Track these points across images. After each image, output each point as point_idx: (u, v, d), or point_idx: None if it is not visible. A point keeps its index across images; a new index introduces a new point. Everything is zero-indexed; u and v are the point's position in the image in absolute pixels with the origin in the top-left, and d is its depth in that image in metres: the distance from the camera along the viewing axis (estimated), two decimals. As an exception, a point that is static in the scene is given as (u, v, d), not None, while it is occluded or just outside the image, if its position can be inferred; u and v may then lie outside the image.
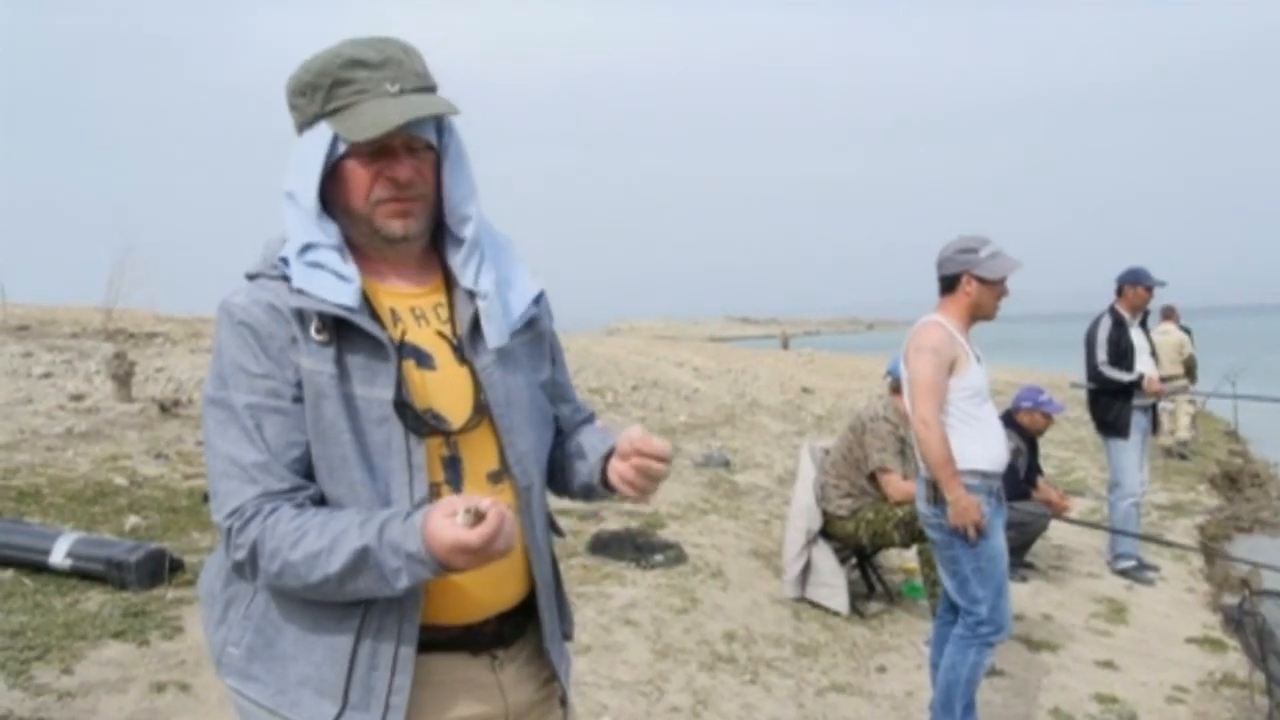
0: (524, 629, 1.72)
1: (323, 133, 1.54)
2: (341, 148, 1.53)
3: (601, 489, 1.72)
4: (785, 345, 37.14)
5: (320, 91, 1.53)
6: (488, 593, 1.62)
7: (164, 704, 3.55)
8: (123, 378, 9.01)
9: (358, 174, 1.55)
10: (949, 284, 3.95)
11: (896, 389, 5.66)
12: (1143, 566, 7.25)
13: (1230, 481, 11.84)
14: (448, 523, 1.39)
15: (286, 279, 1.54)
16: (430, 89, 1.58)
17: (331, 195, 1.57)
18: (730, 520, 7.29)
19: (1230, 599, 6.47)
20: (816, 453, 6.09)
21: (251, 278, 1.59)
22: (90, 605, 4.21)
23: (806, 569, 5.78)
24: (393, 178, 1.55)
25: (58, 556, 4.46)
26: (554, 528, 1.79)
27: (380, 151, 1.54)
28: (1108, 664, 5.42)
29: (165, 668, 3.77)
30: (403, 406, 1.53)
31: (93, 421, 7.93)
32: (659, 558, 5.90)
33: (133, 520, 5.45)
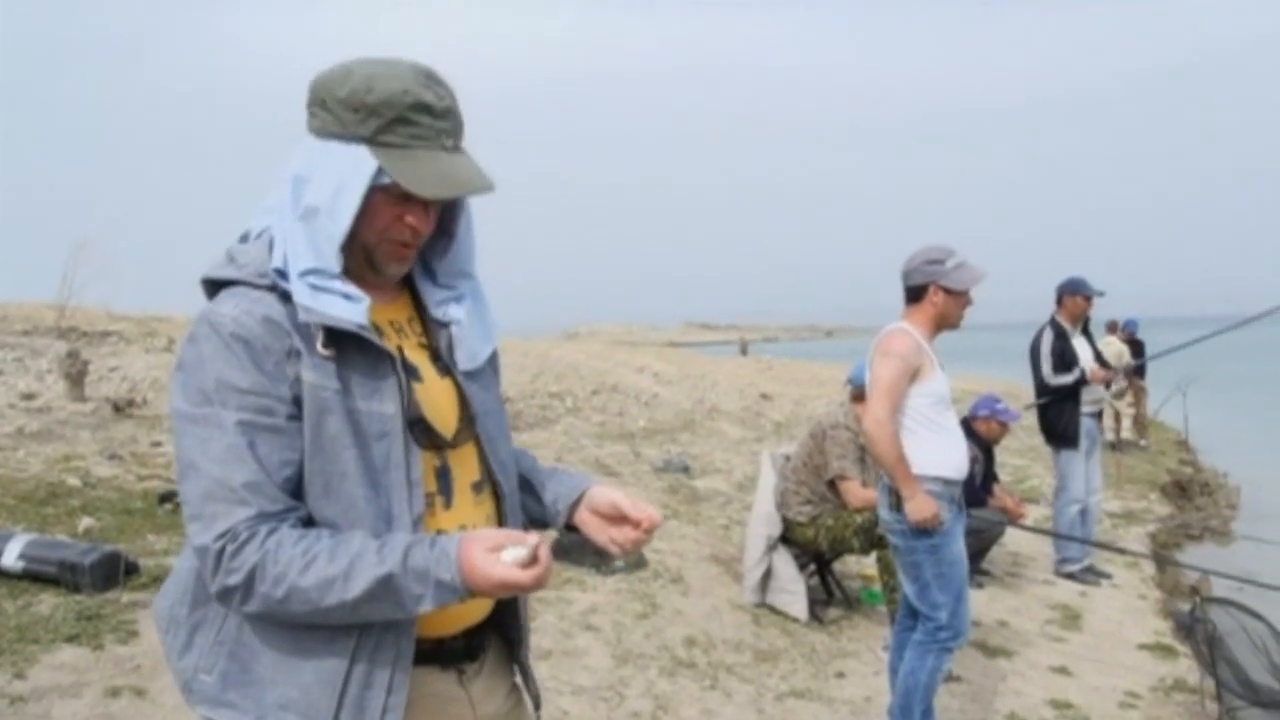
0: (485, 643, 1.73)
1: (365, 159, 1.48)
2: (384, 181, 1.49)
3: (564, 531, 1.77)
4: (744, 352, 37.27)
5: (377, 119, 1.48)
6: (465, 607, 1.60)
7: (119, 709, 3.49)
8: (75, 377, 8.88)
9: (383, 211, 1.52)
10: (915, 294, 3.98)
11: (857, 396, 5.70)
12: (1093, 572, 7.37)
13: (1181, 490, 12.04)
14: (492, 559, 1.41)
15: (275, 289, 1.50)
16: (462, 143, 1.58)
17: None
18: (690, 526, 7.30)
19: (1181, 606, 6.57)
20: (777, 459, 6.12)
21: (222, 284, 1.54)
22: (43, 608, 4.14)
23: (767, 575, 5.80)
24: (414, 227, 1.55)
25: (9, 558, 4.37)
26: None
27: (409, 197, 1.52)
28: (1062, 669, 5.48)
29: (120, 672, 3.72)
30: (417, 422, 1.54)
31: (45, 421, 7.81)
32: (619, 563, 5.87)
33: (86, 522, 5.37)
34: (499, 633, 1.77)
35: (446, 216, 1.66)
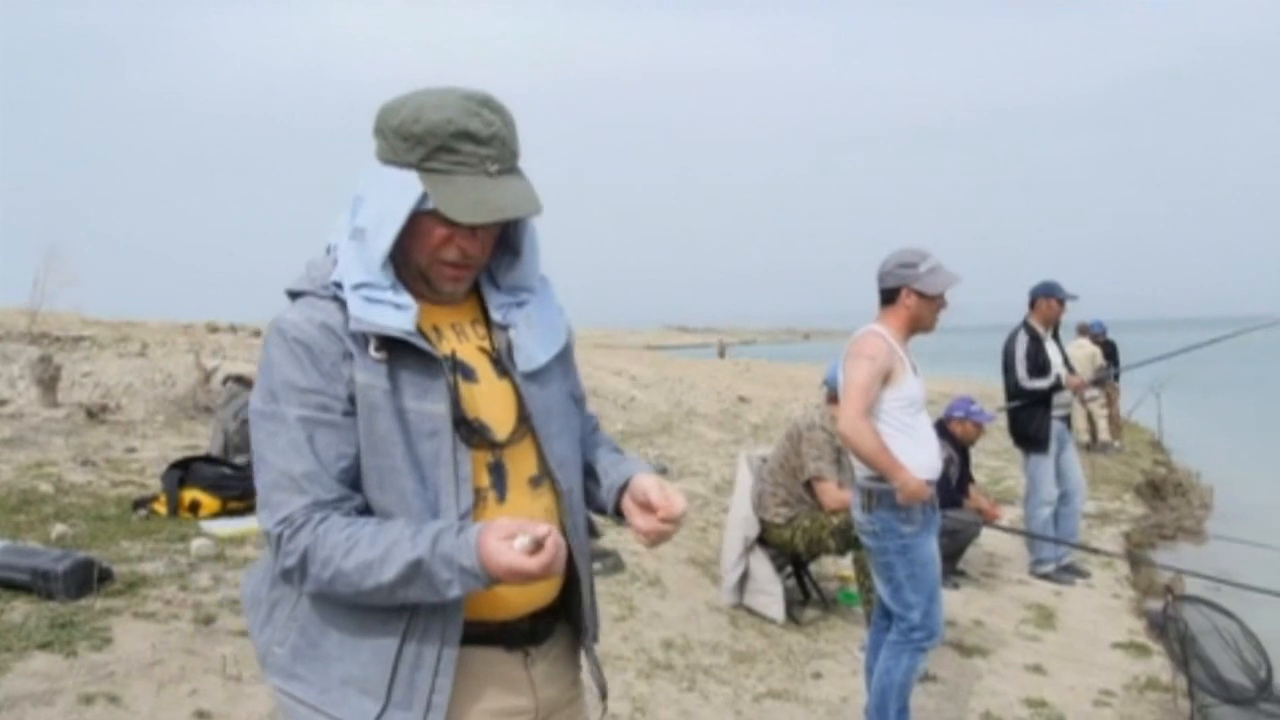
0: (553, 628, 1.80)
1: (412, 184, 1.58)
2: (428, 204, 1.57)
3: (615, 516, 1.83)
4: (722, 354, 37.40)
5: (423, 148, 1.58)
6: (526, 591, 1.68)
7: (92, 716, 3.47)
8: (48, 382, 8.83)
9: (433, 233, 1.61)
10: (889, 296, 4.00)
11: (833, 398, 5.72)
12: (1073, 571, 7.44)
13: (1154, 490, 12.12)
14: (504, 546, 1.48)
15: (337, 299, 1.62)
16: (518, 166, 1.65)
17: (397, 238, 1.62)
18: (668, 528, 7.31)
19: (1154, 605, 6.63)
20: (754, 461, 6.14)
21: (296, 295, 1.67)
22: (15, 616, 4.11)
23: (744, 577, 5.82)
24: (464, 249, 1.64)
25: (-19, 566, 4.34)
26: (591, 528, 1.86)
27: (455, 221, 1.60)
28: (1037, 668, 5.52)
29: (94, 679, 3.69)
30: (460, 422, 1.62)
31: (16, 427, 7.76)
32: (597, 565, 5.90)
33: (59, 529, 5.34)
34: (570, 622, 1.84)
35: (513, 235, 1.76)
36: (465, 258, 1.64)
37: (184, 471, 6.17)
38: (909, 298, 3.95)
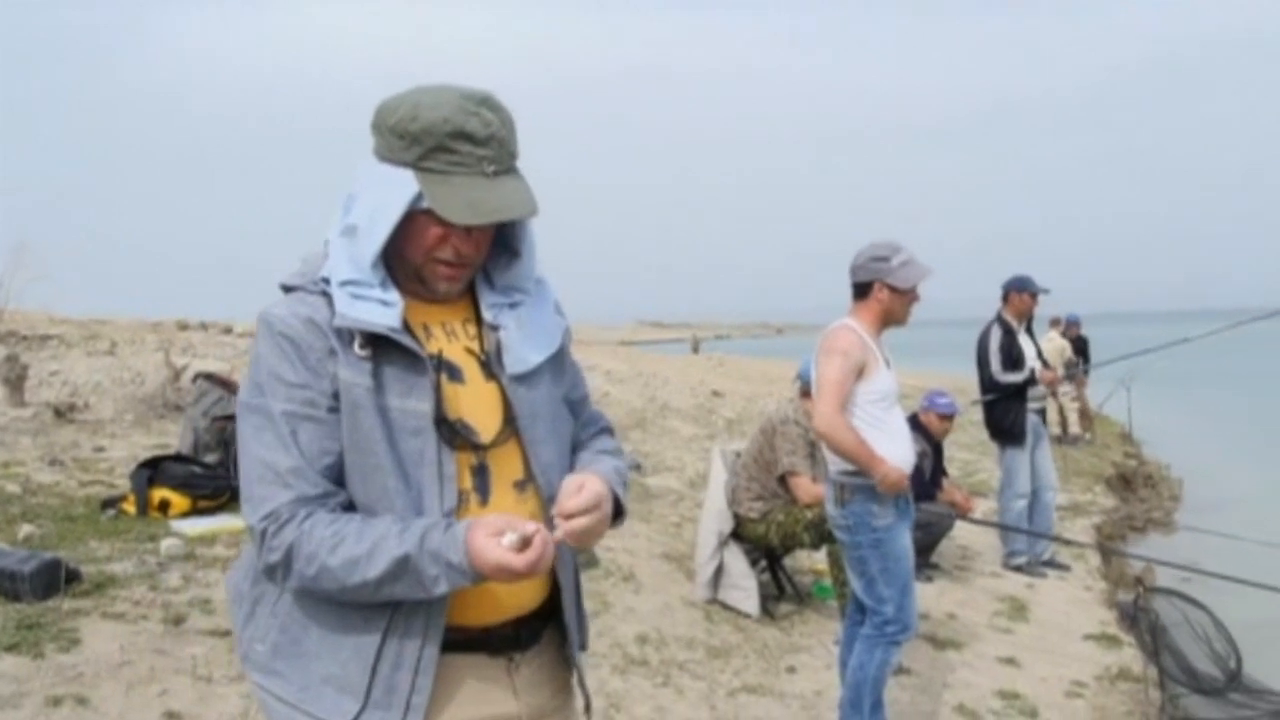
0: (540, 635, 1.77)
1: (407, 183, 1.57)
2: (424, 204, 1.56)
3: None
4: (695, 349, 37.44)
5: (419, 147, 1.57)
6: (508, 596, 1.67)
7: (60, 718, 3.43)
8: (15, 381, 8.74)
9: (428, 232, 1.60)
10: (861, 290, 4.00)
11: (806, 392, 5.73)
12: (1054, 564, 7.50)
13: (1125, 483, 12.23)
14: (492, 543, 1.48)
15: (325, 295, 1.61)
16: (516, 166, 1.64)
17: (391, 235, 1.60)
18: (642, 524, 7.31)
19: (1125, 596, 6.68)
20: (728, 456, 6.14)
21: (288, 289, 1.66)
22: (-19, 617, 4.06)
23: (718, 571, 5.82)
24: (459, 249, 1.62)
25: (-54, 567, 4.28)
26: None
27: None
28: (1010, 661, 5.55)
29: (62, 681, 3.65)
30: (441, 422, 1.60)
31: (-17, 427, 7.66)
32: (571, 562, 5.88)
33: (26, 529, 5.27)
34: (559, 629, 1.81)
35: (511, 235, 1.74)
36: (460, 257, 1.63)
37: (153, 470, 6.11)
38: (881, 291, 3.95)
